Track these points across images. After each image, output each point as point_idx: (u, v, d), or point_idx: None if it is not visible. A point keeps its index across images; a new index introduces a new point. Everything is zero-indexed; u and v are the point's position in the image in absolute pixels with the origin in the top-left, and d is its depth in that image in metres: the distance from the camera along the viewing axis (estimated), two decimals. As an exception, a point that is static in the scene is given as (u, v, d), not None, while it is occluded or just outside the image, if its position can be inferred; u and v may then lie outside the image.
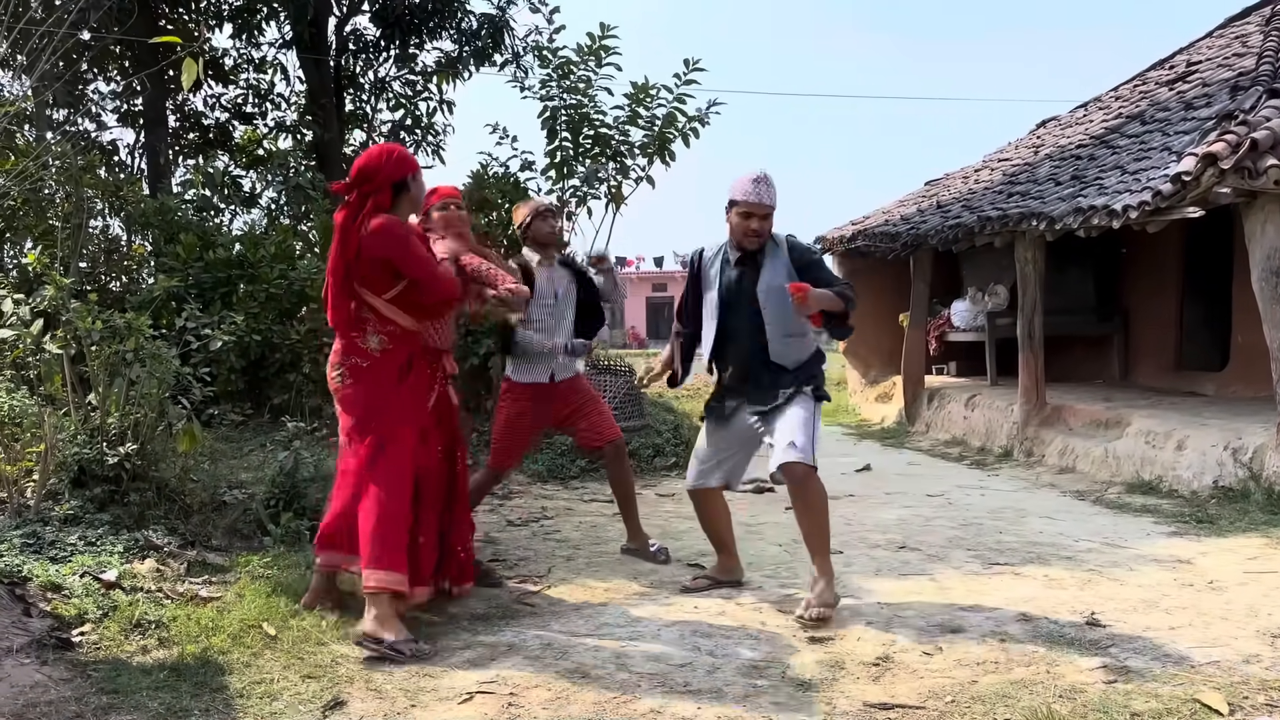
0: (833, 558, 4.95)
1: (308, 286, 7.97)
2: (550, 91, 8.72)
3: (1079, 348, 10.48)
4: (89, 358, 4.94)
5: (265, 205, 9.96)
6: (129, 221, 8.64)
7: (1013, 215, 8.12)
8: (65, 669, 3.20)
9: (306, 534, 4.90)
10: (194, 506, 5.01)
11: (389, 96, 13.00)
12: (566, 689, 3.27)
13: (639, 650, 3.65)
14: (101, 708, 2.96)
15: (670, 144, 8.71)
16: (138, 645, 3.47)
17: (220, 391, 7.42)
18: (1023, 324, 8.50)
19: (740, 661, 3.52)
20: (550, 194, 9.01)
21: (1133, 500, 6.46)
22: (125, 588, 3.91)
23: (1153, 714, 2.97)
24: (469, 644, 3.72)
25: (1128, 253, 10.11)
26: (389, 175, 3.74)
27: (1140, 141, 8.22)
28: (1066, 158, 9.50)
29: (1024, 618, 3.96)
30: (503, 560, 5.04)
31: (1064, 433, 8.04)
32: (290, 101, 12.79)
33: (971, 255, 10.88)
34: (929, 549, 5.21)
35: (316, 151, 11.38)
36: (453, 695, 3.21)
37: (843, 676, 3.37)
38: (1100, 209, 6.83)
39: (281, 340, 7.69)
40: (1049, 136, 11.83)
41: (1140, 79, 11.38)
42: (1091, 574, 4.63)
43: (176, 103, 12.23)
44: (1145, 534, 5.49)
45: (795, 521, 4.05)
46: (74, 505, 4.60)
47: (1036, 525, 5.78)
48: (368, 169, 3.76)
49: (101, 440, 4.84)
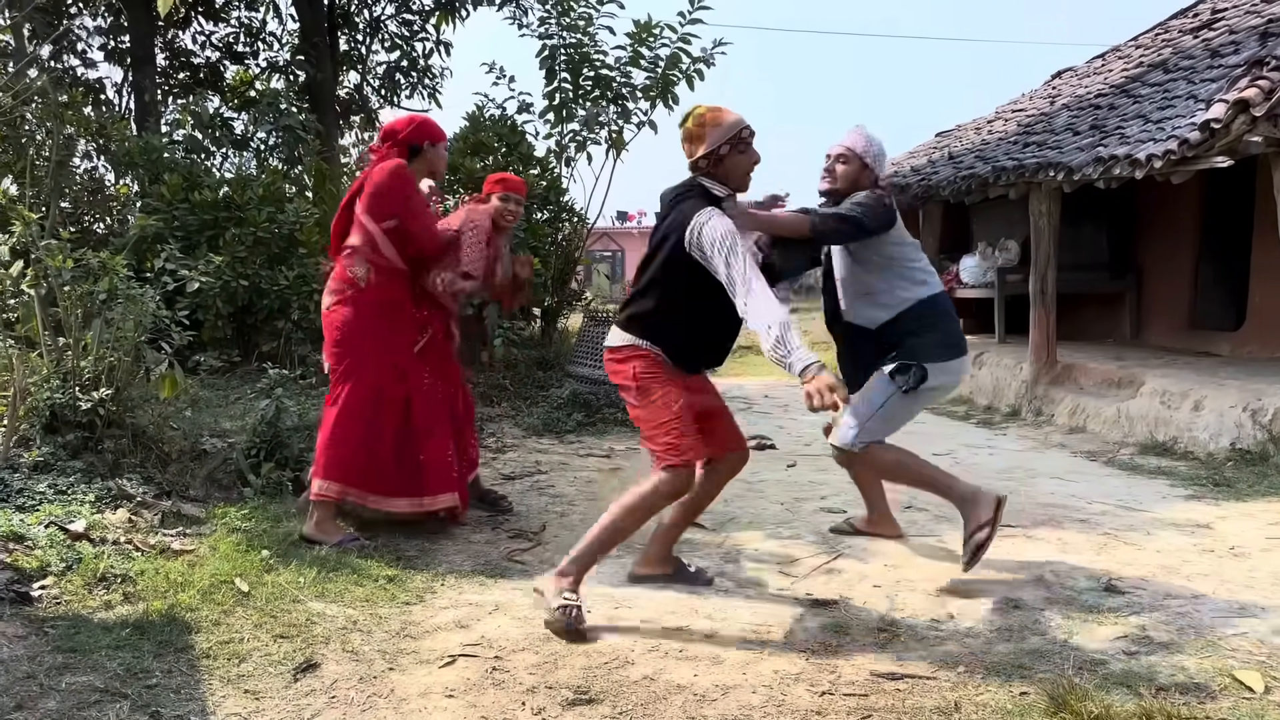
0: (838, 517, 4.78)
1: (297, 230, 7.71)
2: (549, 29, 8.38)
3: (1090, 305, 10.22)
4: (60, 298, 4.70)
5: (255, 147, 9.64)
6: (113, 161, 8.35)
7: (1029, 165, 7.82)
8: (21, 625, 3.00)
9: (289, 485, 4.71)
10: (172, 455, 4.81)
11: (384, 37, 12.62)
12: (555, 652, 3.08)
13: (634, 613, 3.45)
14: (56, 667, 2.77)
15: (674, 86, 8.39)
16: (101, 600, 3.28)
17: (207, 338, 7.20)
18: (1035, 280, 8.24)
19: (740, 626, 3.33)
20: (549, 138, 8.71)
21: (1146, 462, 6.25)
22: (93, 539, 3.71)
23: (1180, 688, 2.78)
24: (455, 603, 3.53)
25: (1143, 209, 9.82)
26: (408, 138, 4.27)
27: (1164, 90, 7.90)
28: (1085, 107, 9.17)
29: (1038, 582, 3.77)
30: (489, 518, 4.85)
31: (1075, 392, 7.82)
32: (283, 41, 12.42)
33: (982, 209, 10.58)
34: (936, 509, 5.00)
35: (309, 93, 11.04)
36: (434, 658, 3.02)
37: (848, 643, 3.18)
38: (1122, 158, 6.54)
39: (270, 286, 7.44)
40: (1065, 87, 11.46)
41: (1162, 27, 10.99)
42: (1107, 538, 4.43)
43: (165, 40, 11.86)
44: (1161, 497, 5.29)
45: (797, 479, 3.86)
46: (45, 452, 4.40)
47: (1047, 486, 5.58)
48: (392, 129, 4.35)
49: (74, 384, 4.62)
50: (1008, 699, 2.74)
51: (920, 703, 2.73)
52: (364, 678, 2.87)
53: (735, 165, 3.44)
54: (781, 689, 2.83)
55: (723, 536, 4.50)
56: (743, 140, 3.43)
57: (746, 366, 14.94)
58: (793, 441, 7.19)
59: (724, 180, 3.45)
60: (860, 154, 3.94)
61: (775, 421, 8.57)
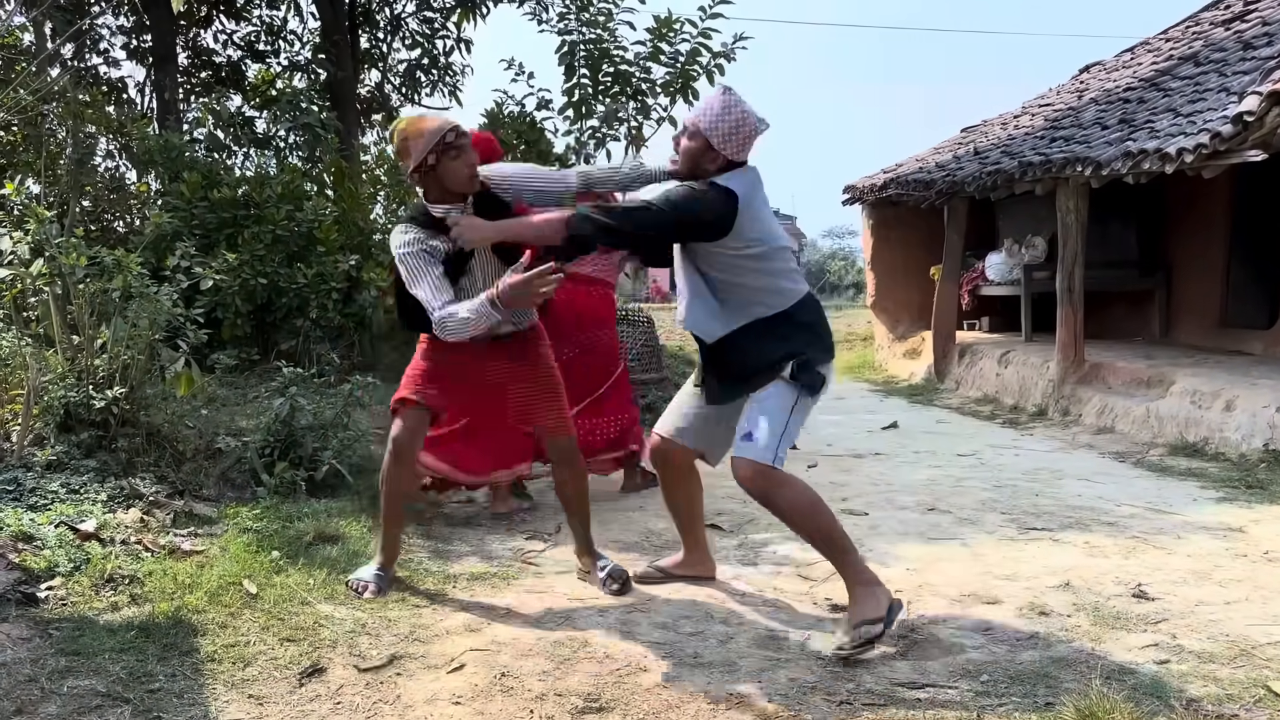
0: (858, 520, 4.69)
1: (315, 228, 7.68)
2: (569, 25, 8.31)
3: (1118, 303, 10.05)
4: (73, 295, 4.68)
5: (276, 145, 9.62)
6: (134, 159, 8.35)
7: (1056, 160, 7.67)
8: (26, 627, 2.97)
9: (302, 485, 4.67)
10: (186, 454, 4.78)
11: (405, 34, 12.58)
12: (566, 658, 3.01)
13: (647, 618, 3.38)
14: (59, 671, 2.72)
15: (694, 81, 8.30)
16: (108, 602, 3.24)
17: (226, 336, 7.18)
18: (1062, 277, 8.09)
19: (756, 632, 3.25)
20: (568, 135, 8.65)
21: (1176, 463, 6.11)
22: (103, 539, 3.67)
23: (1213, 700, 2.68)
24: (465, 605, 3.47)
25: (1172, 204, 9.63)
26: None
27: (1194, 83, 7.73)
28: (1113, 101, 9.00)
29: (1065, 588, 3.66)
30: (510, 516, 4.79)
31: (1103, 391, 7.67)
32: (304, 39, 12.41)
33: (1008, 205, 10.42)
34: (960, 511, 4.91)
35: (330, 91, 11.01)
36: (442, 663, 2.96)
37: (868, 650, 3.09)
38: (1152, 153, 6.39)
39: (288, 284, 7.40)
40: (1093, 81, 11.27)
41: (1193, 20, 10.77)
42: (1136, 541, 4.31)
43: (187, 39, 11.89)
44: (1191, 499, 5.15)
45: (818, 480, 3.75)
46: (58, 450, 4.37)
47: (1074, 488, 5.45)
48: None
49: (88, 383, 4.60)
50: (1033, 709, 2.65)
51: (941, 714, 2.64)
52: (370, 683, 2.81)
53: (450, 171, 3.29)
54: (798, 698, 2.74)
55: (740, 538, 4.42)
56: (450, 146, 3.26)
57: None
58: (814, 441, 7.09)
59: (443, 189, 3.33)
60: (705, 130, 3.16)
61: (796, 421, 8.47)
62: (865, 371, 12.83)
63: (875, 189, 11.81)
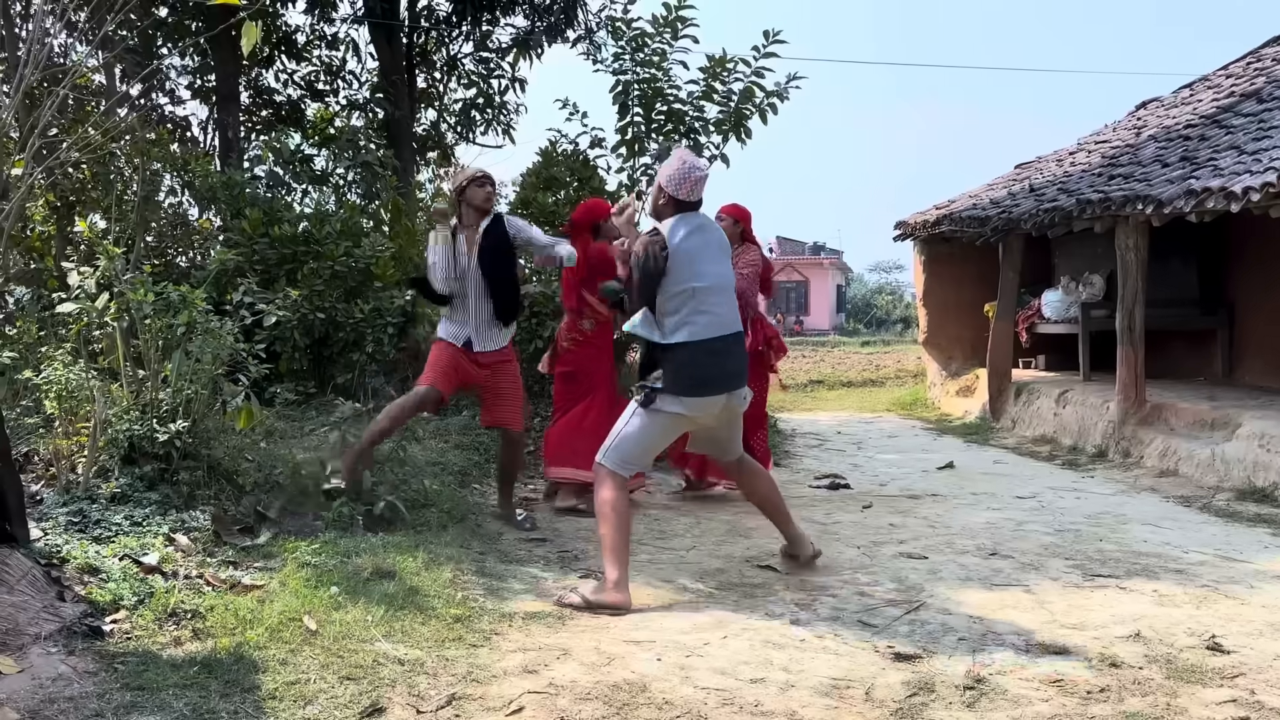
0: (917, 564, 4.61)
1: (373, 264, 7.79)
2: (623, 65, 8.38)
3: (1178, 343, 9.84)
4: (140, 330, 4.78)
5: (334, 183, 9.81)
6: (196, 196, 8.55)
7: (1115, 199, 7.56)
8: (92, 660, 3.00)
9: (359, 520, 4.70)
10: (246, 487, 4.83)
11: (461, 74, 12.79)
12: (624, 703, 2.97)
13: (705, 662, 3.33)
14: (124, 706, 2.74)
15: (747, 120, 8.32)
16: (171, 636, 3.27)
17: (284, 370, 7.28)
18: (1122, 316, 7.95)
19: (818, 679, 3.19)
20: (620, 172, 8.70)
21: (1244, 508, 5.93)
22: (165, 572, 3.72)
23: (1298, 763, 2.57)
24: (522, 646, 3.45)
25: (1235, 242, 9.44)
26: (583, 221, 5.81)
27: (1258, 120, 7.60)
28: (1174, 138, 8.87)
29: (1135, 638, 3.56)
30: (559, 555, 4.78)
31: (1165, 433, 7.49)
32: (362, 79, 12.67)
33: (1064, 243, 10.28)
34: (1022, 556, 4.80)
35: (387, 129, 11.22)
36: (500, 705, 2.94)
37: (933, 701, 3.02)
38: (1217, 191, 6.28)
39: (345, 319, 7.52)
40: (1151, 118, 11.13)
41: (1254, 56, 10.62)
42: (1207, 590, 4.19)
43: (250, 78, 12.19)
44: (1263, 546, 5.00)
45: (874, 522, 3.71)
46: (123, 483, 4.44)
47: (1140, 533, 5.32)
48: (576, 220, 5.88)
49: (153, 416, 4.68)
50: (1108, 769, 2.56)
51: (1013, 770, 2.56)
52: (429, 724, 2.79)
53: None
54: (863, 750, 2.68)
55: (797, 580, 4.36)
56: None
57: (818, 401, 14.74)
58: (868, 481, 7.00)
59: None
60: (662, 182, 4.07)
61: (849, 459, 8.38)
62: (918, 409, 12.68)
63: (928, 225, 11.73)
